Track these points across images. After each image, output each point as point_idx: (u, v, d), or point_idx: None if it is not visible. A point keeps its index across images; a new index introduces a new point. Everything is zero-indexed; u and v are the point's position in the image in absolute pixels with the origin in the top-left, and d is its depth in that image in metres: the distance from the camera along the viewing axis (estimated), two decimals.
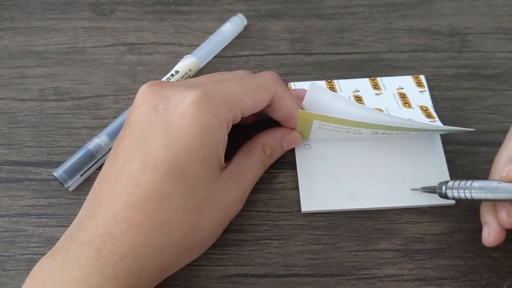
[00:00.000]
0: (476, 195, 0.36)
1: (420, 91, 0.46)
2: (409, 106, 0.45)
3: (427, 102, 0.45)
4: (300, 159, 0.43)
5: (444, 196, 0.39)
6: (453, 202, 0.42)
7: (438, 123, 0.43)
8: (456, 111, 0.46)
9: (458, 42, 0.50)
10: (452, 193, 0.38)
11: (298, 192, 0.42)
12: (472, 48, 0.50)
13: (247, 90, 0.38)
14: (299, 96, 0.42)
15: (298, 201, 0.42)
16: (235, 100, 0.37)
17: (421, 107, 0.45)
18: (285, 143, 0.42)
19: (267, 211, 0.42)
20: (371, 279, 0.39)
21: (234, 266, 0.40)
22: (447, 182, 0.39)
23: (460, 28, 0.51)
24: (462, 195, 0.37)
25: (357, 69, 0.48)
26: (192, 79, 0.40)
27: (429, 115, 0.44)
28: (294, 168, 0.43)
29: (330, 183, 0.42)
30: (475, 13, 0.52)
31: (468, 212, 0.42)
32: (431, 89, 0.46)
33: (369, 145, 0.43)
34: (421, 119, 0.44)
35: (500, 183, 0.35)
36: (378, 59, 0.49)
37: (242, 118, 0.38)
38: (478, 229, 0.41)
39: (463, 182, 0.37)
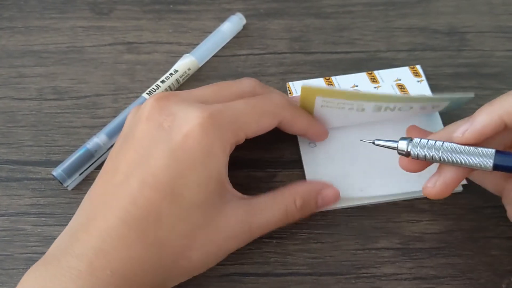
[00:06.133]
0: (446, 156, 0.34)
1: (418, 81, 0.46)
2: None
3: (426, 91, 0.46)
4: (306, 158, 0.43)
5: (405, 153, 0.36)
6: (461, 189, 0.41)
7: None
8: (455, 110, 0.46)
9: (457, 40, 0.50)
10: (417, 151, 0.35)
11: None
12: (471, 47, 0.50)
13: (254, 114, 0.37)
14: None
15: None
16: (240, 124, 0.37)
17: None
18: (321, 200, 0.40)
19: None
20: (370, 278, 0.39)
21: (233, 265, 0.40)
22: (410, 139, 0.36)
23: (459, 27, 0.51)
24: (429, 155, 0.35)
25: (355, 68, 0.48)
26: (198, 91, 0.39)
27: None
28: (293, 167, 0.43)
29: (339, 179, 0.42)
30: (474, 12, 0.52)
31: (468, 210, 0.42)
32: (430, 87, 0.46)
33: (373, 137, 0.43)
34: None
35: (476, 148, 0.34)
36: (377, 58, 0.49)
37: None
38: (477, 227, 0.41)
39: (432, 142, 0.35)
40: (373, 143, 0.38)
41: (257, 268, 0.40)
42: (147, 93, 0.45)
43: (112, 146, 0.44)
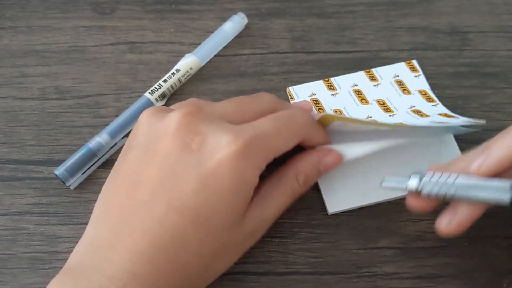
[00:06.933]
0: (459, 193, 0.34)
1: (416, 76, 0.47)
2: (408, 92, 0.45)
3: (424, 85, 0.46)
4: None
5: (415, 192, 0.35)
6: None
7: (440, 106, 0.44)
8: (457, 109, 0.46)
9: (458, 40, 0.50)
10: (429, 189, 0.34)
11: None
12: (472, 47, 0.50)
13: (282, 136, 0.37)
14: (305, 109, 0.42)
15: (298, 199, 0.42)
16: (270, 148, 0.36)
17: (420, 92, 0.46)
18: (323, 167, 0.40)
19: None
20: (371, 277, 0.40)
21: (234, 264, 0.40)
22: (420, 176, 0.35)
23: (460, 27, 0.51)
24: (441, 192, 0.34)
25: (357, 68, 0.48)
26: (221, 107, 0.38)
27: (429, 99, 0.45)
28: None
29: (352, 179, 0.42)
30: (475, 12, 0.52)
31: None
32: (431, 87, 0.46)
33: (385, 137, 0.43)
34: (423, 104, 0.44)
35: (492, 181, 0.33)
36: (379, 58, 0.49)
37: None
38: (478, 227, 0.41)
39: (443, 178, 0.34)
40: (381, 186, 0.37)
41: (259, 267, 0.40)
42: (149, 93, 0.46)
43: (115, 145, 0.44)
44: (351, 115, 0.44)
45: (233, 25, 0.50)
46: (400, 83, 0.46)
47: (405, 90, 0.46)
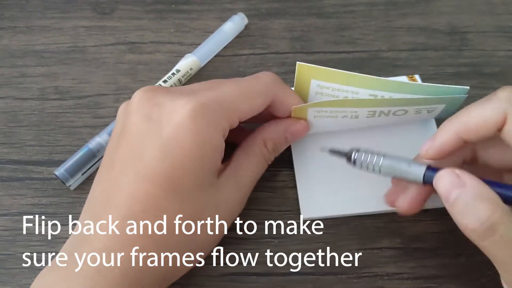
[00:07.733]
0: (384, 170, 0.36)
1: None
2: None
3: None
4: (298, 164, 0.43)
5: (353, 162, 0.37)
6: None
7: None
8: (450, 114, 0.46)
9: (457, 40, 0.50)
10: (361, 163, 0.37)
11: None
12: (471, 47, 0.50)
13: (244, 96, 0.37)
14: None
15: (297, 201, 0.42)
16: (232, 108, 0.36)
17: None
18: (290, 136, 0.41)
19: (268, 209, 0.42)
20: (372, 278, 0.39)
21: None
22: (358, 150, 0.37)
23: (459, 27, 0.51)
24: (370, 167, 0.37)
25: (357, 68, 0.48)
26: (186, 86, 0.39)
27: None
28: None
29: (331, 187, 0.42)
30: (475, 12, 0.52)
31: None
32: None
33: (368, 143, 0.43)
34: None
35: (409, 165, 0.35)
36: (378, 58, 0.49)
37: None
38: None
39: (373, 157, 0.36)
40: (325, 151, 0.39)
41: (258, 267, 0.40)
42: None
43: None
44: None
45: (233, 25, 0.50)
46: None
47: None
